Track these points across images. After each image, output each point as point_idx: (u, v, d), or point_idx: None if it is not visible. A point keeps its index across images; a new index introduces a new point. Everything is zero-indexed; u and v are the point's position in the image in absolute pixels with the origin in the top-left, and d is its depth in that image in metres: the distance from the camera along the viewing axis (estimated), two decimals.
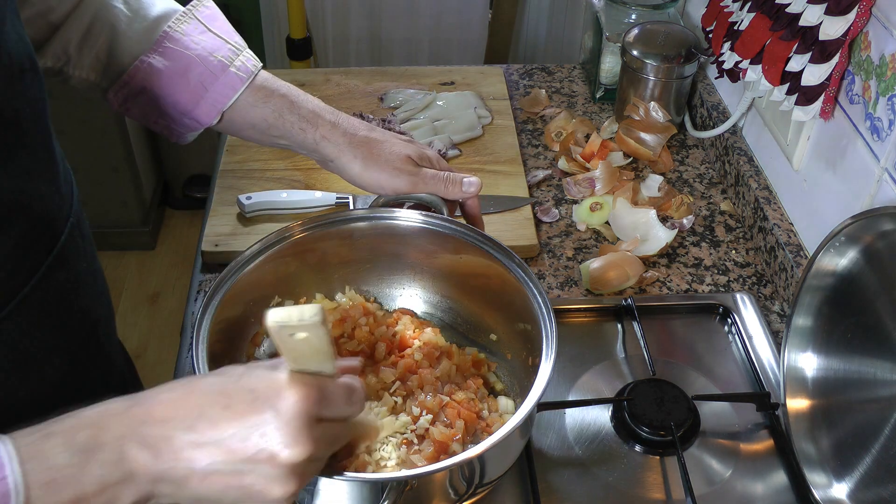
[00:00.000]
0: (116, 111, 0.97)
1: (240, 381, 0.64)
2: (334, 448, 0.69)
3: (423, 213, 1.00)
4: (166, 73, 0.93)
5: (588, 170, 1.42)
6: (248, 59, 1.00)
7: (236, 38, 1.01)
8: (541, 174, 1.43)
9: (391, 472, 0.85)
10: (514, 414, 0.87)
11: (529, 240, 1.28)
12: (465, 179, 1.00)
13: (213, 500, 0.63)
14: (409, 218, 1.00)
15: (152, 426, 0.62)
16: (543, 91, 1.62)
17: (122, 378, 1.00)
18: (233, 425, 0.62)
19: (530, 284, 0.93)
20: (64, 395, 0.62)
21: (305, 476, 0.64)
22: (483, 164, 1.42)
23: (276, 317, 0.60)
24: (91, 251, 0.87)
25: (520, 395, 0.99)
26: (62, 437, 0.60)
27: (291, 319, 0.60)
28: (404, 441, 0.88)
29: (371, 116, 1.48)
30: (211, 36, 0.98)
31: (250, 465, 0.62)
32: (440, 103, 1.52)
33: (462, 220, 1.03)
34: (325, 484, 0.77)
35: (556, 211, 1.36)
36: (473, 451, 0.78)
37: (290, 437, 0.62)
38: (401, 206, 1.03)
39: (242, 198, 1.30)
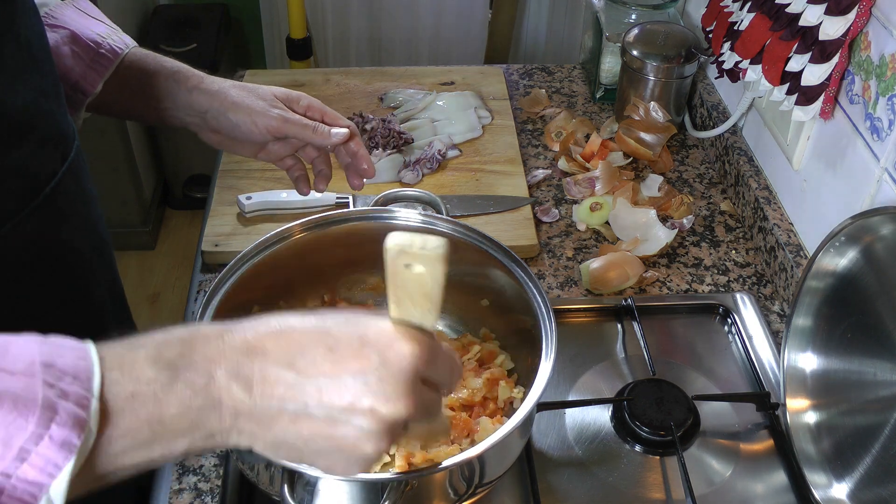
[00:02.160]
0: None
1: (346, 324, 0.60)
2: (426, 418, 0.62)
3: (423, 213, 1.00)
4: (53, 45, 0.96)
5: (588, 170, 1.42)
6: (124, 36, 1.04)
7: (110, 22, 1.05)
8: (541, 174, 1.43)
9: (391, 472, 0.85)
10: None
11: (529, 240, 1.27)
12: (332, 130, 1.02)
13: (295, 447, 0.59)
14: (408, 218, 1.00)
15: (247, 356, 0.57)
16: (544, 91, 1.62)
17: (125, 307, 1.06)
18: (337, 369, 0.57)
19: (530, 284, 0.93)
20: (72, 305, 0.61)
21: (393, 440, 0.60)
22: (483, 164, 1.42)
23: (397, 239, 0.58)
24: (92, 183, 0.96)
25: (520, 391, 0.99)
26: (150, 350, 0.55)
27: (414, 246, 0.57)
28: None
29: (371, 116, 1.48)
30: (88, 17, 1.03)
31: (347, 414, 0.57)
32: (440, 103, 1.52)
33: (461, 221, 1.03)
34: (324, 484, 0.77)
35: (556, 211, 1.36)
36: (473, 451, 0.78)
37: (395, 392, 0.58)
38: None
39: (242, 198, 1.30)
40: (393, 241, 0.58)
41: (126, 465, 0.55)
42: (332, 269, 1.05)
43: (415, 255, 0.58)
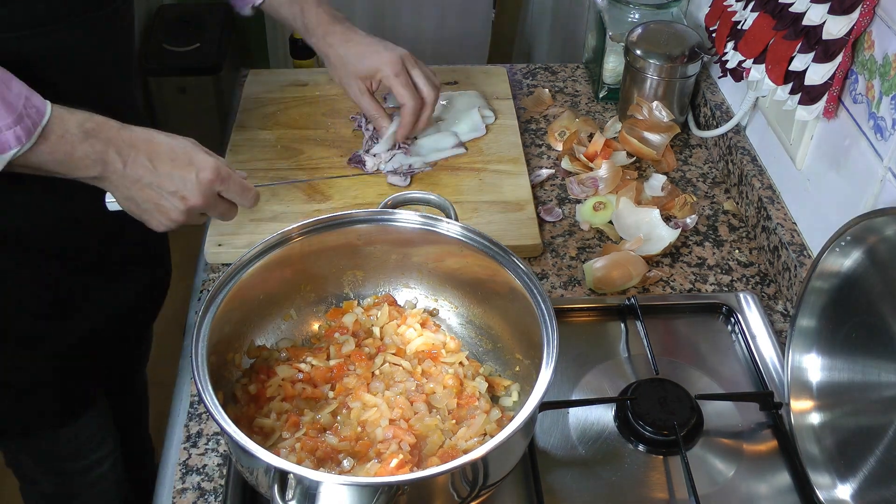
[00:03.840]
0: None
1: (185, 147, 0.99)
2: (221, 215, 1.04)
3: (425, 214, 1.00)
4: None
5: (591, 169, 1.42)
6: None
7: None
8: (544, 173, 1.43)
9: (390, 476, 0.85)
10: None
11: (533, 239, 1.27)
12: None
13: (136, 202, 0.99)
14: (409, 220, 1.00)
15: (130, 146, 0.96)
16: (547, 90, 1.62)
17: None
18: (173, 171, 0.97)
19: (533, 288, 0.93)
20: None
21: (191, 219, 1.02)
22: (486, 163, 1.42)
23: None
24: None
25: (523, 395, 0.99)
26: (80, 118, 0.93)
27: None
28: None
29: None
30: None
31: (168, 195, 0.98)
32: (444, 103, 1.52)
33: (466, 223, 1.03)
34: (325, 489, 0.77)
35: (560, 210, 1.36)
36: (476, 454, 0.78)
37: (198, 192, 0.99)
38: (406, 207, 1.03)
39: None
40: None
41: (44, 169, 0.93)
42: (334, 270, 1.05)
43: None
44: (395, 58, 1.30)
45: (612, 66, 1.57)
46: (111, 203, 1.02)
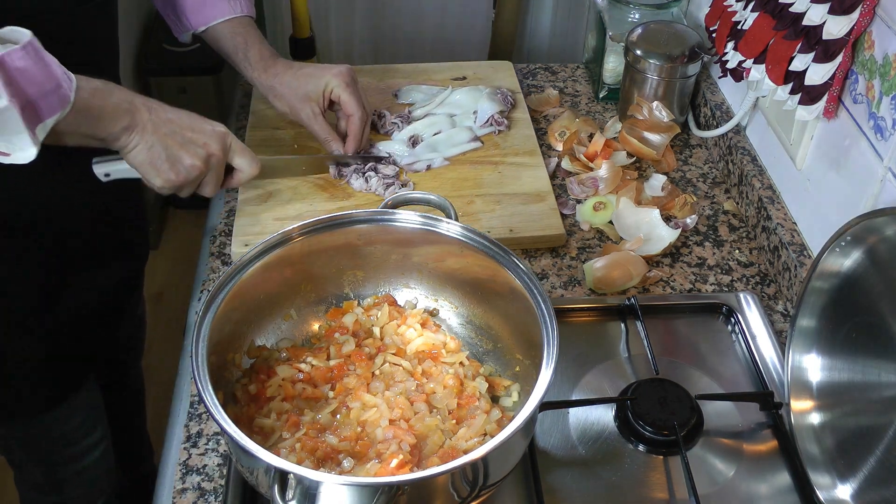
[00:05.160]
0: None
1: (200, 118, 1.12)
2: (216, 177, 1.13)
3: (425, 214, 1.00)
4: None
5: (591, 169, 1.42)
6: (246, 4, 1.35)
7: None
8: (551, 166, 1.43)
9: (390, 476, 0.85)
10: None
11: (557, 229, 1.28)
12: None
13: (157, 150, 1.06)
14: (409, 220, 1.00)
15: (149, 100, 1.07)
16: (556, 91, 1.62)
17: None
18: (192, 121, 1.10)
19: (533, 288, 0.93)
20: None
21: (200, 175, 1.10)
22: (503, 156, 1.42)
23: None
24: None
25: (523, 395, 0.99)
26: (98, 83, 0.99)
27: None
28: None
29: (387, 112, 1.48)
30: None
31: (189, 142, 1.08)
32: (457, 98, 1.52)
33: (465, 223, 1.03)
34: (325, 489, 0.77)
35: (574, 202, 1.36)
36: (476, 454, 0.78)
37: (217, 139, 1.10)
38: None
39: None
40: None
41: (80, 131, 0.99)
42: (335, 269, 1.05)
43: None
44: (343, 70, 1.34)
45: (612, 66, 1.57)
46: (107, 166, 1.10)
